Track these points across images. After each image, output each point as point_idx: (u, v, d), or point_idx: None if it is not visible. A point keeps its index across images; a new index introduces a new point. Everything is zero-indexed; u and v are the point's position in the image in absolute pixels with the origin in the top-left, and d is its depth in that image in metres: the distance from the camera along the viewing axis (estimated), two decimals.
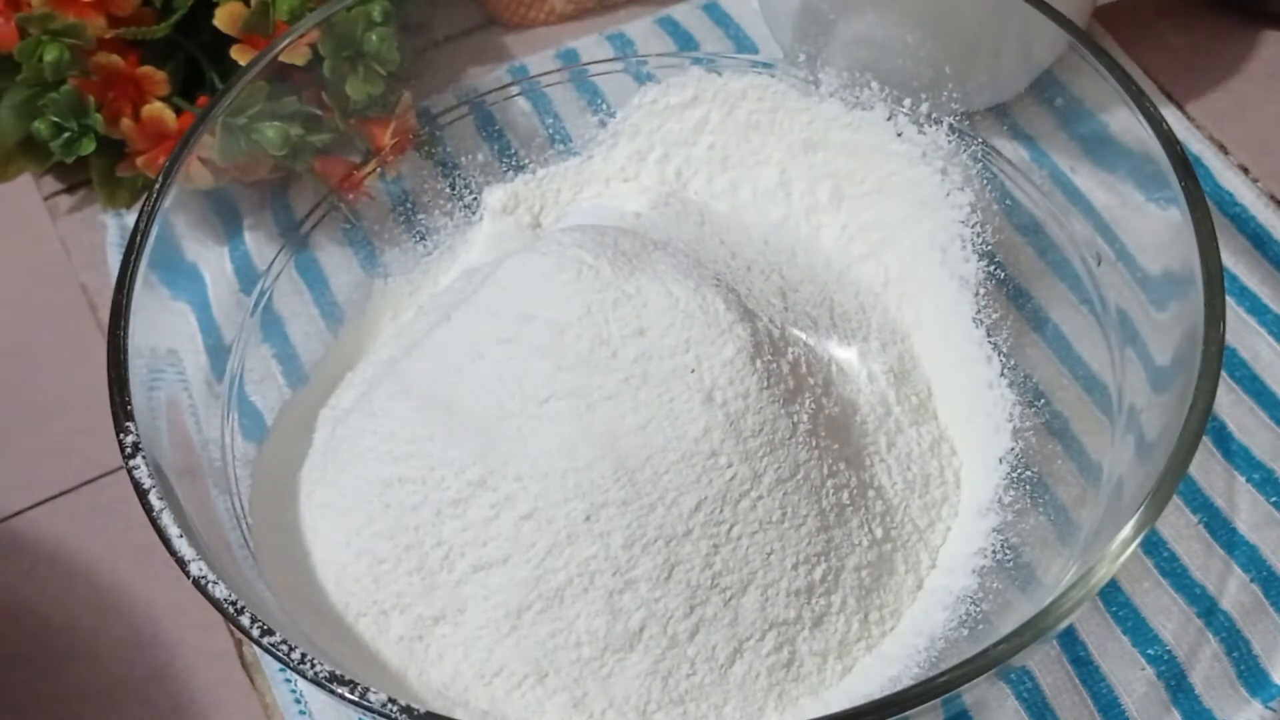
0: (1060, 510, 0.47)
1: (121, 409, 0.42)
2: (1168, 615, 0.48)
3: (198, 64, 0.60)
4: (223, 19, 0.56)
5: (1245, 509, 0.50)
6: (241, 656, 0.49)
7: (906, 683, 0.42)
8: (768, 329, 0.46)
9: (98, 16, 0.56)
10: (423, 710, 0.36)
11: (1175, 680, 0.47)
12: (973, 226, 0.51)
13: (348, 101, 0.54)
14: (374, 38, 0.53)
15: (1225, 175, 0.59)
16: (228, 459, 0.47)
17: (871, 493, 0.46)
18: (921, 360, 0.51)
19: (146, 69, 0.57)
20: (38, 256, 0.61)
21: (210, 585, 0.38)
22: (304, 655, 0.37)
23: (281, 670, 0.48)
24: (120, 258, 0.45)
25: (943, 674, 0.37)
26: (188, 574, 0.39)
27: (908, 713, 0.36)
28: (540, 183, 0.57)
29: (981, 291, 0.51)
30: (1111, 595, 0.48)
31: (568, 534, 0.42)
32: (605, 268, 0.45)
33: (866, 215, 0.54)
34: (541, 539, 0.42)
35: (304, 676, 0.37)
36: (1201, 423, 0.39)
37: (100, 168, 0.60)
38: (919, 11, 0.52)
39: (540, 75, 0.60)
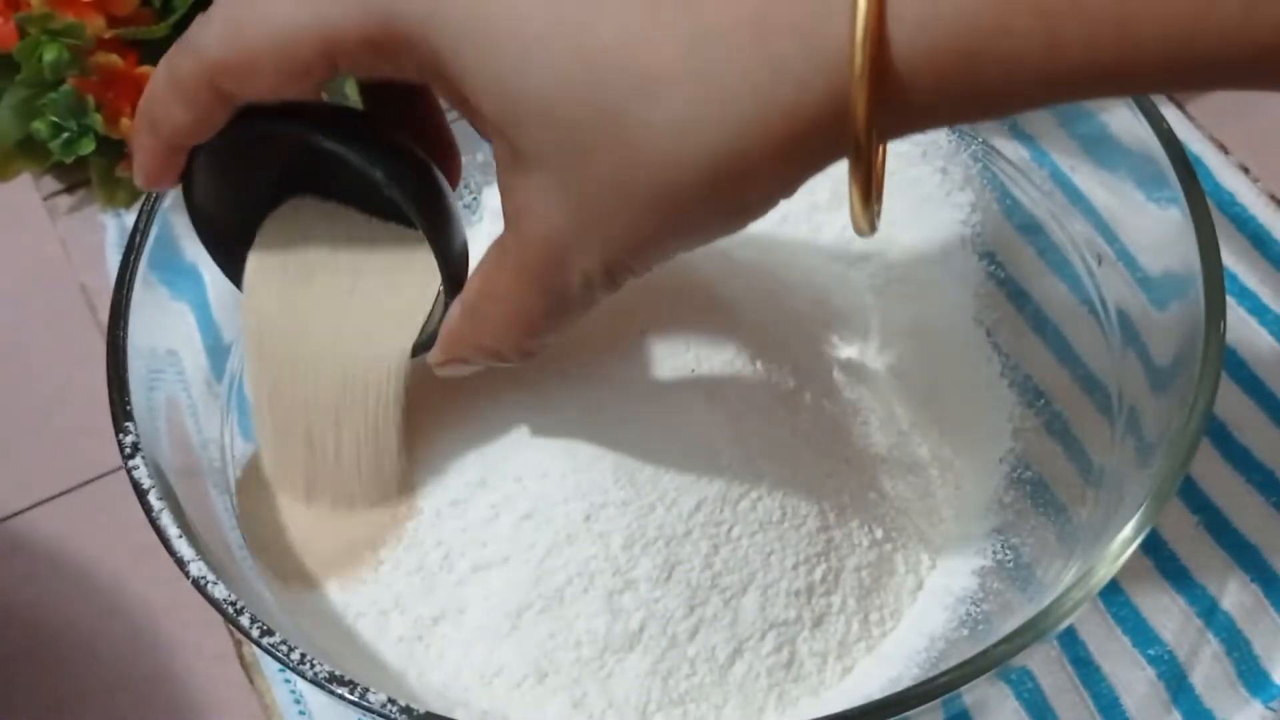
0: (1060, 510, 0.47)
1: (121, 409, 0.42)
2: (1168, 615, 0.48)
3: None
4: None
5: (1246, 509, 0.50)
6: (241, 656, 0.49)
7: (907, 683, 0.42)
8: (768, 329, 0.46)
9: (97, 16, 0.56)
10: (422, 710, 0.36)
11: (1176, 680, 0.46)
12: (973, 226, 0.51)
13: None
14: None
15: (1225, 175, 0.59)
16: (227, 459, 0.47)
17: (872, 494, 0.46)
18: (922, 361, 0.51)
19: (146, 69, 0.57)
20: (37, 257, 0.61)
21: (209, 585, 0.38)
22: (303, 655, 0.37)
23: (281, 670, 0.48)
24: (119, 258, 0.45)
25: (943, 674, 0.37)
26: (187, 574, 0.39)
27: (908, 713, 0.36)
28: None
29: (981, 291, 0.51)
30: (1112, 595, 0.48)
31: (567, 534, 0.42)
32: None
33: None
34: (541, 539, 0.42)
35: (303, 677, 0.37)
36: (1202, 423, 0.39)
37: (99, 167, 0.60)
38: None
39: None
